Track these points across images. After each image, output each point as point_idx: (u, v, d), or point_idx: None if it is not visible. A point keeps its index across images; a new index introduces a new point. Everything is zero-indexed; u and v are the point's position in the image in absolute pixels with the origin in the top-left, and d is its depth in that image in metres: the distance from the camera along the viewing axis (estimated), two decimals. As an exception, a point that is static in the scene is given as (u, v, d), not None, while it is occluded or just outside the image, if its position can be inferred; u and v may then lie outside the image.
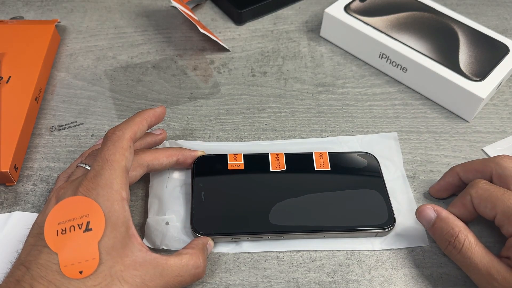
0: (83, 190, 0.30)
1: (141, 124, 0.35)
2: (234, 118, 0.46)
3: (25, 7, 0.56)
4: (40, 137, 0.44)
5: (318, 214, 0.37)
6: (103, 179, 0.30)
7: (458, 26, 0.50)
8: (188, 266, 0.32)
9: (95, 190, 0.30)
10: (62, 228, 0.29)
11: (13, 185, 0.40)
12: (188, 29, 0.55)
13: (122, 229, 0.30)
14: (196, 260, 0.32)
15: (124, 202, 0.31)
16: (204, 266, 0.33)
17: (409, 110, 0.47)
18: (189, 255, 0.32)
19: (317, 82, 0.49)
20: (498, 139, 0.44)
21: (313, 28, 0.55)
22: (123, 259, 0.29)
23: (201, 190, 0.38)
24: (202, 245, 0.34)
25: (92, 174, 0.31)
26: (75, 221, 0.29)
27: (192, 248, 0.33)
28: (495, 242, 0.38)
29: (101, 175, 0.30)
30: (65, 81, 0.48)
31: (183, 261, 0.31)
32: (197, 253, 0.33)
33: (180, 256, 0.32)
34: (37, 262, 0.28)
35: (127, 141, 0.33)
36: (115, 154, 0.31)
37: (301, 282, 0.35)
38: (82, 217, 0.29)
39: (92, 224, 0.29)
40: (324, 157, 0.40)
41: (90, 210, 0.29)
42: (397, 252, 0.37)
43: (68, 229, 0.29)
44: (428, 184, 0.41)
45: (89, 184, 0.30)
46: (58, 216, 0.29)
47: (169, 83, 0.49)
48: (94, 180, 0.30)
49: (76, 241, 0.29)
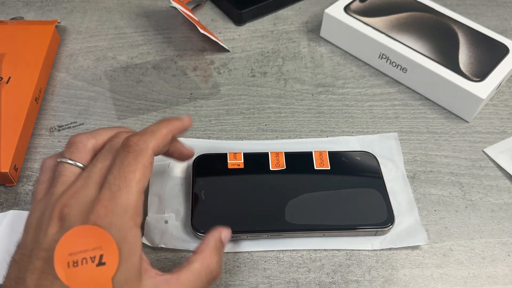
0: (96, 218, 0.27)
1: (167, 137, 0.31)
2: (234, 119, 0.46)
3: (25, 7, 0.56)
4: (40, 138, 0.44)
5: (317, 213, 0.37)
6: (118, 205, 0.27)
7: (458, 26, 0.50)
8: (201, 275, 0.30)
9: (108, 218, 0.27)
10: (74, 260, 0.26)
11: (13, 185, 0.40)
12: (188, 29, 0.55)
13: (134, 259, 0.28)
14: (208, 266, 0.30)
15: (138, 229, 0.28)
16: (219, 267, 0.31)
17: (409, 110, 0.47)
18: (199, 263, 0.30)
19: (317, 82, 0.49)
20: (498, 139, 0.44)
21: (313, 29, 0.55)
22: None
23: (201, 188, 0.38)
24: (214, 243, 0.32)
25: (107, 197, 0.27)
26: (87, 253, 0.27)
27: (202, 251, 0.31)
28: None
29: (117, 198, 0.27)
30: (65, 81, 0.48)
31: (195, 273, 0.29)
32: (208, 256, 0.31)
33: (190, 268, 0.30)
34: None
35: (150, 157, 0.29)
36: (135, 172, 0.28)
37: (301, 282, 0.35)
38: (95, 249, 0.27)
39: (106, 257, 0.26)
40: (324, 156, 0.40)
41: (103, 242, 0.27)
42: (397, 252, 0.37)
43: (80, 262, 0.27)
44: (428, 185, 0.41)
45: (102, 210, 0.27)
46: (69, 246, 0.27)
47: (169, 83, 0.49)
48: (108, 204, 0.27)
49: (89, 276, 0.26)
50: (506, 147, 0.44)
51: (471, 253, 0.37)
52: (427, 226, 0.38)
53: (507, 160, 0.42)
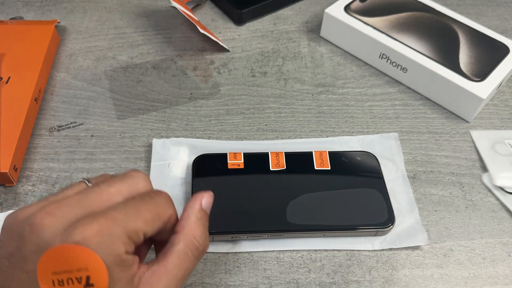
0: (82, 235, 0.24)
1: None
2: (234, 119, 0.46)
3: (25, 7, 0.56)
4: (39, 138, 0.43)
5: (317, 213, 0.37)
6: (117, 228, 0.25)
7: (458, 26, 0.50)
8: (187, 255, 0.28)
9: (100, 237, 0.25)
10: (58, 279, 0.24)
11: (13, 185, 0.40)
12: (188, 29, 0.54)
13: (125, 276, 0.26)
14: (192, 243, 0.28)
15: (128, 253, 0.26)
16: (204, 239, 0.29)
17: (409, 110, 0.47)
18: (183, 243, 0.28)
19: (317, 82, 0.49)
20: (499, 139, 0.44)
21: (313, 29, 0.55)
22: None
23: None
24: (195, 215, 0.29)
25: (111, 217, 0.25)
26: (72, 274, 0.24)
27: (183, 229, 0.29)
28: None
29: (120, 222, 0.25)
30: (65, 81, 0.48)
31: (181, 254, 0.28)
32: (191, 232, 0.28)
33: (175, 251, 0.28)
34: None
35: (166, 217, 0.28)
36: (152, 213, 0.27)
37: (301, 283, 0.35)
38: (80, 270, 0.24)
39: (93, 279, 0.24)
40: (324, 156, 0.40)
41: (89, 263, 0.24)
42: (398, 252, 0.37)
43: (65, 281, 0.24)
44: (428, 185, 0.41)
45: (95, 228, 0.25)
46: (51, 264, 0.24)
47: (169, 83, 0.49)
48: (106, 223, 0.25)
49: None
50: (492, 135, 0.44)
51: (471, 253, 0.37)
52: (427, 226, 0.38)
53: (486, 146, 0.43)
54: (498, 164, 0.42)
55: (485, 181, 0.41)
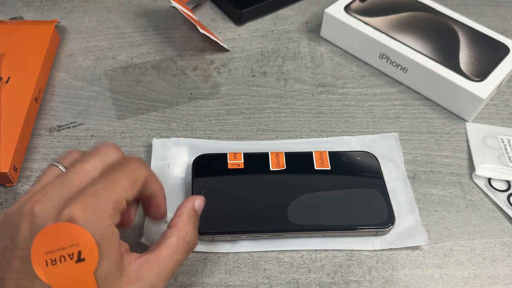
0: (70, 213, 0.26)
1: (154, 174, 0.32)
2: (234, 119, 0.46)
3: (25, 7, 0.56)
4: (39, 138, 0.43)
5: (317, 213, 0.37)
6: (99, 201, 0.27)
7: (458, 26, 0.50)
8: (179, 247, 0.30)
9: (86, 213, 0.27)
10: (51, 258, 0.26)
11: (13, 185, 0.40)
12: (188, 29, 0.54)
13: (114, 251, 0.28)
14: (184, 237, 0.31)
15: (114, 226, 0.28)
16: (194, 236, 0.31)
17: (409, 110, 0.47)
18: (175, 237, 0.30)
19: (317, 82, 0.49)
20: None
21: (313, 28, 0.55)
22: (119, 279, 0.28)
23: (201, 189, 0.38)
24: (187, 214, 0.32)
25: (91, 193, 0.27)
26: (64, 251, 0.26)
27: (176, 224, 0.31)
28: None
29: (100, 195, 0.27)
30: (65, 81, 0.48)
31: (173, 246, 0.30)
32: (183, 228, 0.31)
33: (168, 243, 0.30)
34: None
35: (142, 178, 0.30)
36: (124, 179, 0.29)
37: (301, 283, 0.35)
38: (72, 246, 0.26)
39: (84, 254, 0.26)
40: (324, 156, 0.40)
41: (79, 238, 0.26)
42: (398, 252, 0.37)
43: (58, 260, 0.26)
44: (428, 185, 0.41)
45: (80, 206, 0.27)
46: (44, 244, 0.26)
47: (169, 83, 0.49)
48: (89, 200, 0.27)
49: (70, 273, 0.26)
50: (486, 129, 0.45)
51: (471, 253, 0.37)
52: (427, 226, 0.38)
53: (477, 138, 0.44)
54: (484, 156, 0.42)
55: (474, 179, 0.41)
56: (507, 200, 0.40)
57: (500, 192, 0.40)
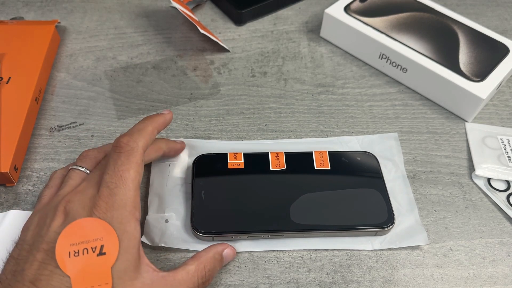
0: (98, 212, 0.29)
1: (153, 134, 0.34)
2: (234, 119, 0.46)
3: (25, 7, 0.56)
4: (40, 138, 0.43)
5: (318, 213, 0.37)
6: (117, 200, 0.29)
7: (458, 26, 0.50)
8: (194, 277, 0.32)
9: (109, 212, 0.29)
10: (75, 250, 0.28)
11: (13, 185, 0.40)
12: (188, 29, 0.55)
13: (133, 251, 0.29)
14: (202, 270, 0.32)
15: (137, 222, 0.30)
16: (210, 275, 0.33)
17: (409, 110, 0.47)
18: (195, 266, 0.32)
19: (317, 82, 0.49)
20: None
21: (313, 29, 0.55)
22: (133, 282, 0.29)
23: (201, 188, 0.38)
24: (213, 253, 0.34)
25: (107, 193, 0.30)
26: (88, 244, 0.28)
27: (199, 257, 0.33)
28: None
29: (116, 194, 0.29)
30: (65, 81, 0.48)
31: (190, 274, 0.32)
32: (204, 262, 0.33)
33: (186, 269, 0.32)
34: (49, 283, 0.27)
35: (141, 155, 0.31)
36: (130, 171, 0.30)
37: (301, 282, 0.35)
38: (96, 240, 0.28)
39: (106, 248, 0.28)
40: (324, 156, 0.40)
41: (104, 234, 0.28)
42: (397, 252, 0.37)
43: (81, 252, 0.28)
44: (428, 185, 0.41)
45: (103, 205, 0.29)
46: (71, 237, 0.28)
47: (169, 83, 0.49)
48: (108, 200, 0.29)
49: (89, 265, 0.28)
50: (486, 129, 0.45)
51: (471, 253, 0.37)
52: (427, 226, 0.38)
53: (477, 138, 0.44)
54: (483, 156, 0.42)
55: (474, 179, 0.41)
56: (506, 200, 0.40)
57: (499, 192, 0.40)
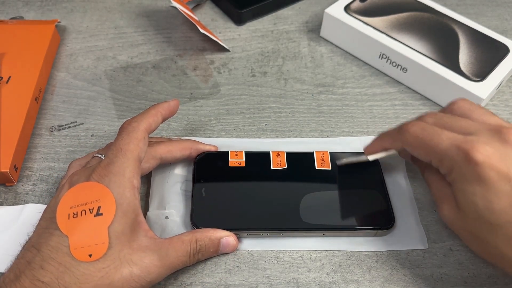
0: (96, 177, 0.31)
1: (155, 116, 0.36)
2: (234, 118, 0.46)
3: (25, 7, 0.56)
4: (40, 137, 0.43)
5: (317, 212, 0.37)
6: (116, 167, 0.31)
7: (458, 26, 0.50)
8: (187, 247, 0.33)
9: (107, 177, 0.31)
10: (74, 212, 0.30)
11: (13, 185, 0.40)
12: (188, 29, 0.55)
13: (131, 215, 0.31)
14: (193, 244, 0.33)
15: (135, 190, 0.32)
16: (201, 248, 0.34)
17: (409, 110, 0.47)
18: (189, 238, 0.33)
19: (317, 82, 0.49)
20: (498, 139, 0.44)
21: (313, 28, 0.55)
22: (131, 243, 0.30)
23: (202, 186, 0.38)
24: (211, 234, 0.35)
25: (106, 162, 0.32)
26: (86, 206, 0.30)
27: (196, 232, 0.34)
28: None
29: (114, 162, 0.31)
30: (65, 81, 0.48)
31: (184, 244, 0.33)
32: (197, 237, 0.34)
33: (181, 239, 0.33)
34: (48, 244, 0.29)
35: (142, 132, 0.33)
36: (129, 144, 0.32)
37: (301, 282, 0.35)
38: (94, 202, 0.30)
39: (103, 209, 0.30)
40: (325, 157, 0.40)
41: (101, 196, 0.30)
42: (397, 252, 0.37)
43: (79, 213, 0.30)
44: (428, 184, 0.41)
45: (102, 171, 0.31)
46: (71, 200, 0.30)
47: (169, 83, 0.49)
48: (107, 167, 0.31)
49: (87, 225, 0.30)
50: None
51: (471, 253, 0.37)
52: (427, 226, 0.38)
53: None
54: None
55: None
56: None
57: None
